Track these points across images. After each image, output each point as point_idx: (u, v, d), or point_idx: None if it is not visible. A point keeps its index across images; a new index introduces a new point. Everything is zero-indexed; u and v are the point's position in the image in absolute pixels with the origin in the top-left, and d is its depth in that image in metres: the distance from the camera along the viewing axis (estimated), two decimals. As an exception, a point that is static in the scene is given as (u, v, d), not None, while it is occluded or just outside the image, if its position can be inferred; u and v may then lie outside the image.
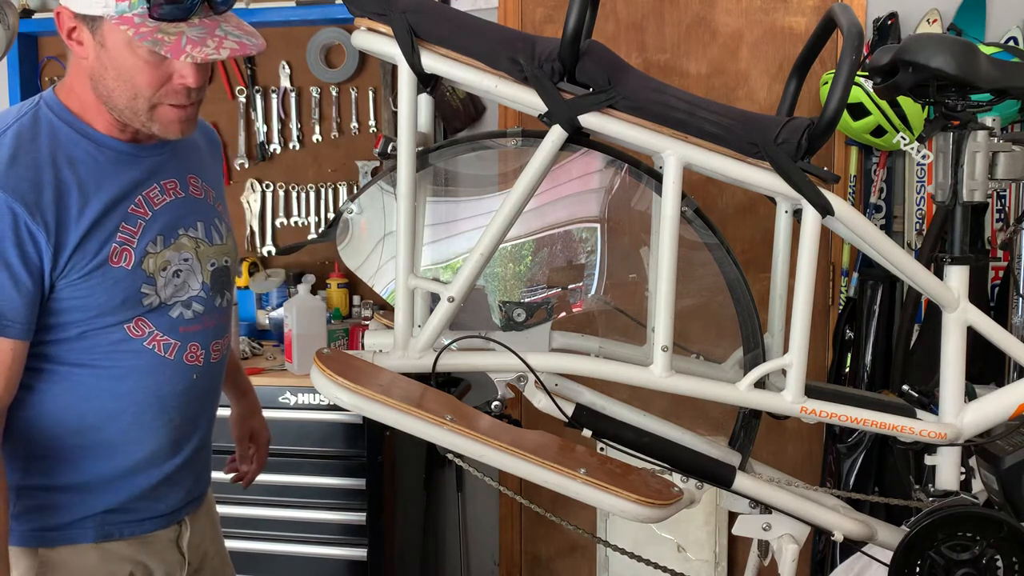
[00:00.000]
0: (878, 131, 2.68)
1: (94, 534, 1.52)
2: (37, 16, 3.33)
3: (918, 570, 1.53)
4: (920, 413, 1.61)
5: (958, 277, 1.59)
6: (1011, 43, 2.81)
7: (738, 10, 3.08)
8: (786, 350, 1.52)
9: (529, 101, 1.45)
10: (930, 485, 1.63)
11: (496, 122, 3.22)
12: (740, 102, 3.05)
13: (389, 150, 1.51)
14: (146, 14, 1.34)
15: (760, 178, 1.48)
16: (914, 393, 1.66)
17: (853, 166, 2.94)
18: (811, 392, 1.53)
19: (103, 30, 1.37)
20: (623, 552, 1.58)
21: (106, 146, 1.47)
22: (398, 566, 3.02)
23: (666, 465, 1.55)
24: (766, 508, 1.60)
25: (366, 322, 3.20)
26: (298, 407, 2.82)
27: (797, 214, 1.52)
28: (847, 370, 2.89)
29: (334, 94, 3.31)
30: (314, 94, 3.32)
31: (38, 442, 1.48)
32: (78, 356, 1.46)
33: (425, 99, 1.52)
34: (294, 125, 3.34)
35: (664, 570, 1.59)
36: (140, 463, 1.54)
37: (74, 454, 1.49)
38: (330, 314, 3.16)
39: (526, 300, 1.60)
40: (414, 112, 1.48)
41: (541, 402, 1.54)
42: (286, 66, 3.32)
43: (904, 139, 1.61)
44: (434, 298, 1.50)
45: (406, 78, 1.47)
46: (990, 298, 2.76)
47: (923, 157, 1.58)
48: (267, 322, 3.31)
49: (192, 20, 1.37)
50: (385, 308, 3.08)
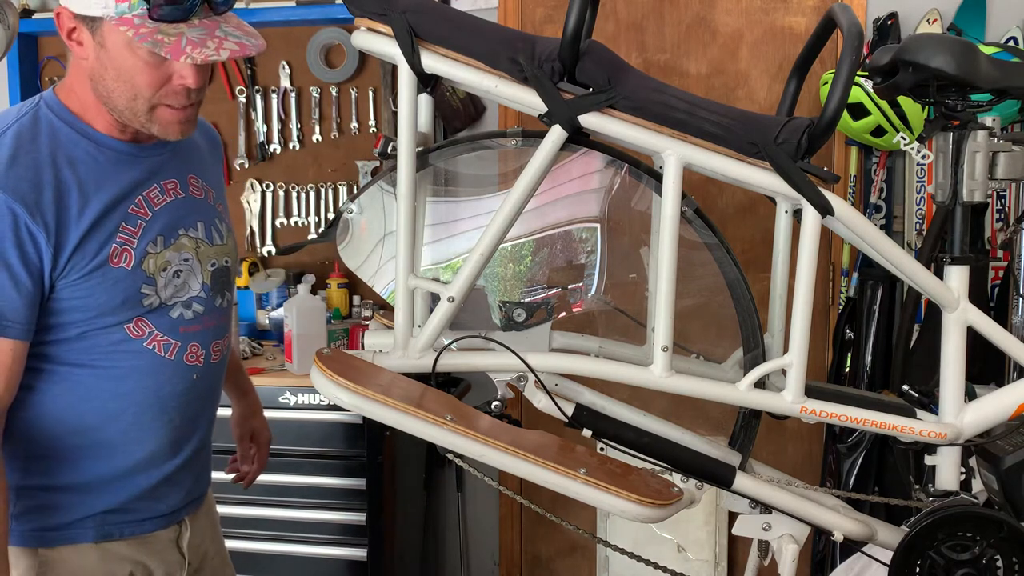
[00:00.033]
0: (878, 131, 2.68)
1: (94, 534, 1.52)
2: (37, 16, 3.33)
3: (918, 570, 1.53)
4: (920, 413, 1.61)
5: (958, 277, 1.59)
6: (1011, 43, 2.81)
7: (738, 10, 3.08)
8: (786, 350, 1.52)
9: (529, 101, 1.45)
10: (930, 485, 1.63)
11: (496, 122, 3.22)
12: (740, 102, 3.05)
13: (389, 150, 1.51)
14: (146, 15, 1.34)
15: (760, 178, 1.48)
16: (914, 393, 1.66)
17: (853, 166, 2.94)
18: (811, 392, 1.53)
19: (103, 31, 1.37)
20: (623, 552, 1.58)
21: (106, 146, 1.47)
22: (398, 566, 3.02)
23: (666, 465, 1.55)
24: (766, 508, 1.60)
25: (366, 322, 3.20)
26: (298, 407, 2.82)
27: (797, 214, 1.52)
28: (847, 370, 2.89)
29: (334, 94, 3.31)
30: (314, 94, 3.31)
31: (38, 442, 1.48)
32: (78, 356, 1.46)
33: (425, 99, 1.52)
34: (294, 125, 3.34)
35: (664, 570, 1.59)
36: (140, 463, 1.54)
37: (74, 454, 1.49)
38: (330, 314, 3.16)
39: (526, 300, 1.60)
40: (414, 112, 1.48)
41: (541, 402, 1.54)
42: (286, 66, 3.32)
43: (904, 139, 1.61)
44: (434, 298, 1.50)
45: (406, 78, 1.46)
46: (990, 298, 2.76)
47: (923, 157, 1.58)
48: (267, 322, 3.31)
49: (192, 21, 1.37)
50: (385, 308, 3.08)
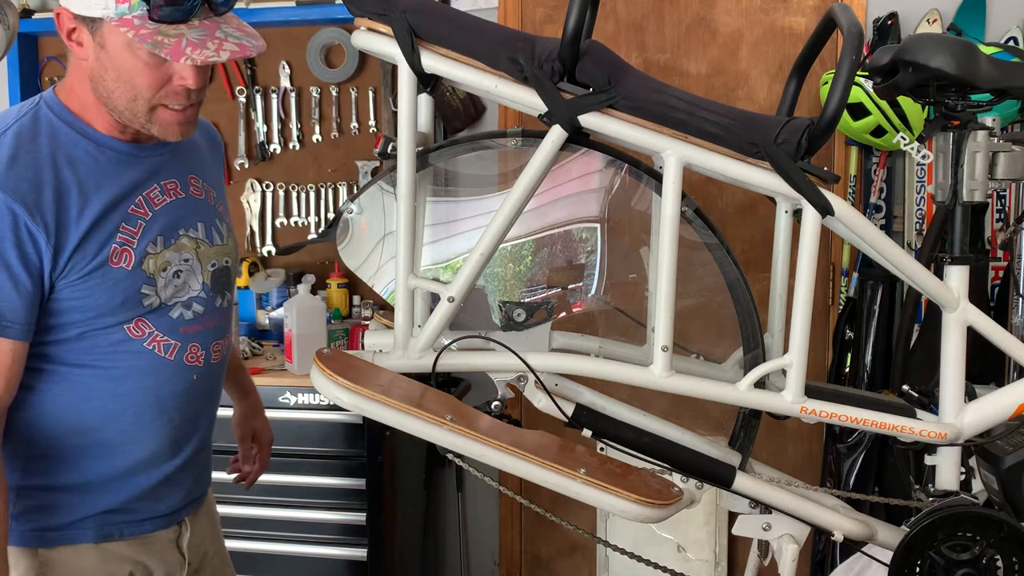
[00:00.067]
0: (878, 131, 2.67)
1: (94, 534, 1.52)
2: (37, 16, 3.33)
3: (918, 570, 1.53)
4: (920, 413, 1.61)
5: (958, 277, 1.59)
6: (1011, 43, 2.81)
7: (738, 10, 3.08)
8: (786, 350, 1.52)
9: (529, 101, 1.45)
10: (930, 485, 1.63)
11: (496, 122, 3.22)
12: (740, 102, 3.05)
13: (389, 150, 1.51)
14: (146, 16, 1.34)
15: (760, 178, 1.48)
16: (914, 393, 1.66)
17: (853, 166, 2.94)
18: (811, 392, 1.53)
19: (103, 32, 1.37)
20: (623, 552, 1.58)
21: (106, 146, 1.47)
22: (398, 566, 3.02)
23: (666, 465, 1.55)
24: (766, 508, 1.59)
25: (366, 322, 3.20)
26: (298, 407, 2.82)
27: (797, 214, 1.52)
28: (847, 370, 2.89)
29: (334, 94, 3.31)
30: (314, 94, 3.31)
31: (38, 442, 1.48)
32: (78, 356, 1.46)
33: (425, 99, 1.52)
34: (294, 125, 3.34)
35: (664, 570, 1.59)
36: (140, 463, 1.54)
37: (74, 454, 1.49)
38: (330, 314, 3.16)
39: (526, 300, 1.60)
40: (414, 112, 1.48)
41: (541, 402, 1.54)
42: (286, 66, 3.32)
43: (904, 139, 1.61)
44: (434, 298, 1.50)
45: (406, 78, 1.46)
46: (990, 298, 2.76)
47: (923, 157, 1.58)
48: (267, 322, 3.31)
49: (192, 22, 1.36)
50: (385, 308, 3.08)
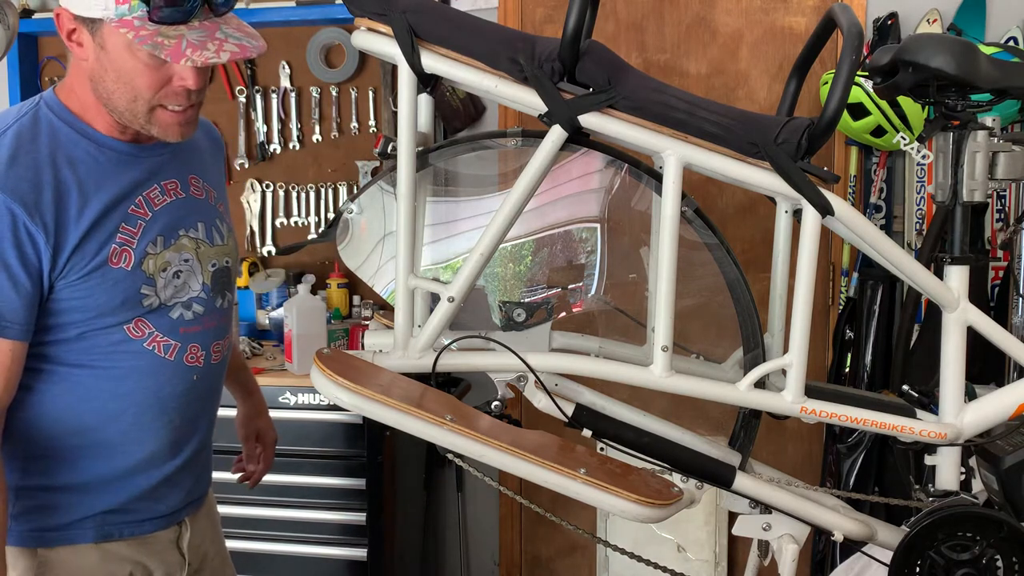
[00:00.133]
0: (878, 131, 2.67)
1: (93, 534, 1.52)
2: (37, 16, 3.33)
3: (918, 570, 1.53)
4: (920, 413, 1.61)
5: (958, 277, 1.59)
6: (1011, 43, 2.81)
7: (738, 10, 3.08)
8: (786, 350, 1.52)
9: (529, 101, 1.45)
10: (930, 485, 1.63)
11: (496, 122, 3.22)
12: (740, 102, 3.05)
13: (389, 150, 1.51)
14: (146, 17, 1.34)
15: (760, 178, 1.48)
16: (914, 393, 1.66)
17: (853, 166, 2.94)
18: (811, 392, 1.53)
19: (103, 33, 1.37)
20: (623, 552, 1.58)
21: (106, 146, 1.47)
22: (398, 566, 3.02)
23: (666, 465, 1.55)
24: (766, 508, 1.59)
25: (366, 322, 3.20)
26: (298, 407, 2.82)
27: (797, 214, 1.52)
28: (847, 370, 2.89)
29: (334, 94, 3.30)
30: (314, 94, 3.31)
31: (37, 442, 1.48)
32: (77, 357, 1.46)
33: (425, 99, 1.52)
34: (294, 125, 3.34)
35: (664, 570, 1.59)
36: (140, 464, 1.54)
37: (73, 454, 1.49)
38: (330, 314, 3.16)
39: (526, 300, 1.60)
40: (414, 112, 1.48)
41: (541, 402, 1.54)
42: (286, 66, 3.32)
43: (904, 139, 1.61)
44: (434, 298, 1.50)
45: (406, 78, 1.46)
46: (990, 298, 2.76)
47: (923, 157, 1.58)
48: (267, 322, 3.31)
49: (192, 23, 1.36)
50: (385, 308, 3.08)
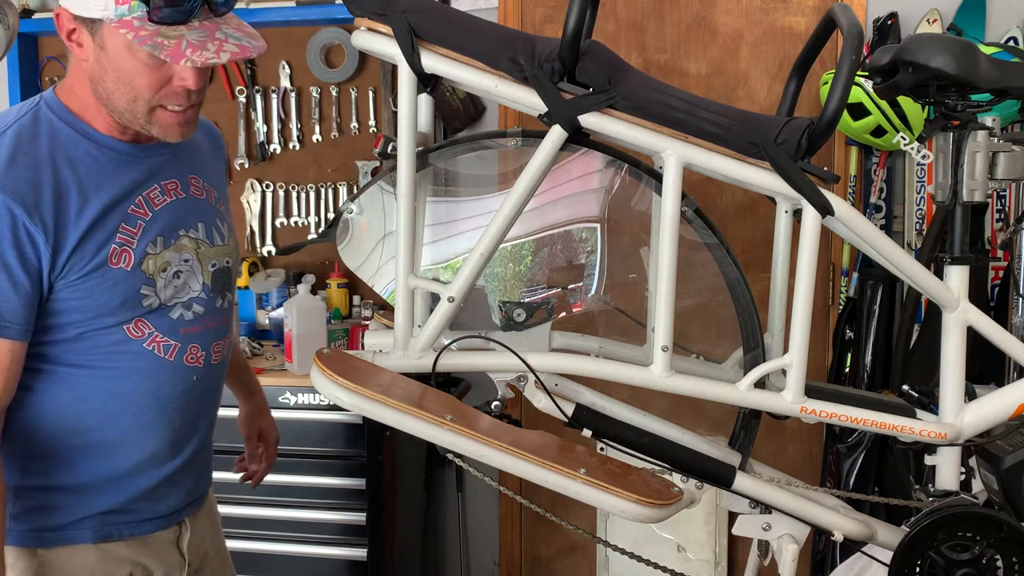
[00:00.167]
0: (878, 131, 2.67)
1: (93, 535, 1.51)
2: (37, 16, 3.33)
3: (918, 570, 1.53)
4: (920, 413, 1.61)
5: (958, 277, 1.59)
6: (1011, 43, 2.81)
7: (738, 10, 3.08)
8: (786, 350, 1.52)
9: (529, 101, 1.45)
10: (930, 485, 1.63)
11: (496, 122, 3.22)
12: (740, 102, 3.05)
13: (389, 150, 1.51)
14: (145, 18, 1.33)
15: (760, 178, 1.48)
16: (914, 393, 1.66)
17: (853, 166, 2.94)
18: (811, 392, 1.53)
19: (103, 33, 1.37)
20: (623, 552, 1.58)
21: (106, 146, 1.47)
22: (398, 566, 3.02)
23: (666, 465, 1.55)
24: (766, 508, 1.59)
25: (366, 322, 3.20)
26: (298, 407, 2.82)
27: (797, 214, 1.52)
28: (847, 370, 2.89)
29: (334, 94, 3.30)
30: (314, 94, 3.31)
31: (36, 442, 1.48)
32: (77, 357, 1.46)
33: (425, 99, 1.52)
34: (294, 125, 3.34)
35: (664, 570, 1.59)
36: (139, 464, 1.54)
37: (73, 455, 1.49)
38: (330, 314, 3.16)
39: (526, 300, 1.60)
40: (414, 112, 1.48)
41: (541, 402, 1.54)
42: (286, 66, 3.32)
43: (904, 139, 1.61)
44: (434, 298, 1.50)
45: (406, 78, 1.46)
46: (990, 298, 2.76)
47: (923, 157, 1.58)
48: (267, 322, 3.31)
49: (192, 23, 1.36)
50: (385, 308, 3.08)
